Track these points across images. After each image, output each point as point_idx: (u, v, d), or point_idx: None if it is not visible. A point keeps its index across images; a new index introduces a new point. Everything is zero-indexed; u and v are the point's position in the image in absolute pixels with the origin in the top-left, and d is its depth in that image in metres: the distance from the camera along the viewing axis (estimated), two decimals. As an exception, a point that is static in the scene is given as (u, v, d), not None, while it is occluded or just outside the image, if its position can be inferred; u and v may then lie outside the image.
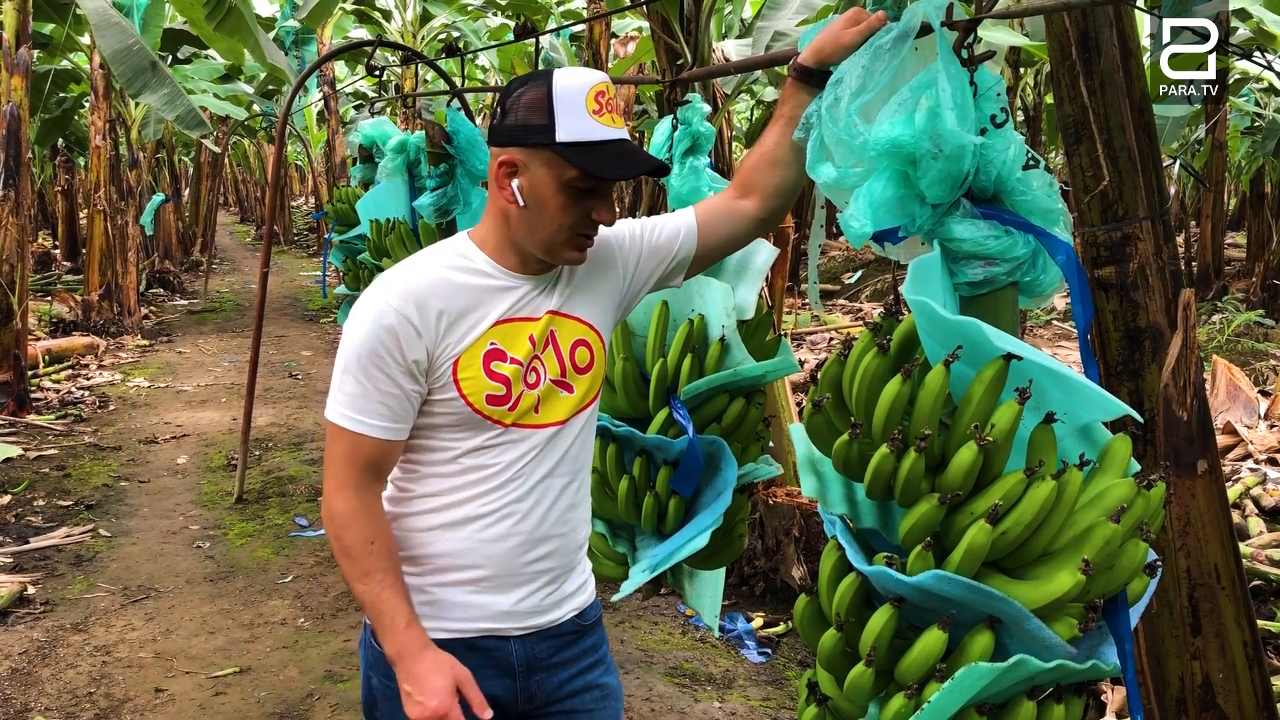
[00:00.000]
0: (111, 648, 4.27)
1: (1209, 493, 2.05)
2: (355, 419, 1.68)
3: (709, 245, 1.96)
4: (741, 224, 1.95)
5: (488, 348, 1.72)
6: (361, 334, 1.67)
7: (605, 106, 1.67)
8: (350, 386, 1.68)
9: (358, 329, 1.68)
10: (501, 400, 1.73)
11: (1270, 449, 5.87)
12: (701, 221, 1.94)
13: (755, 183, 1.91)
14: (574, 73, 1.68)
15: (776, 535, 4.70)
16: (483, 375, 1.71)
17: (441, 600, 1.77)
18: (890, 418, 1.44)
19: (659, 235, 1.93)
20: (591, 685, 1.91)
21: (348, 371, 1.68)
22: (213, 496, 6.32)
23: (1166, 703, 2.06)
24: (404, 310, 1.67)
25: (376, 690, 1.82)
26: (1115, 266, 2.04)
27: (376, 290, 1.71)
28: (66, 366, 9.78)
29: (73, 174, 17.03)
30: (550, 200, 1.68)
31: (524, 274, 1.76)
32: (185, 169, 25.40)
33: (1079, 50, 2.01)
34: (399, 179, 5.27)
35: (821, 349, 9.60)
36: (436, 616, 1.77)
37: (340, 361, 1.70)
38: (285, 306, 14.30)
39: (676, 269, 1.96)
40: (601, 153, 1.65)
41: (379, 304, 1.67)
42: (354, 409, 1.68)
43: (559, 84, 1.65)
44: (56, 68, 12.47)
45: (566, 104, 1.64)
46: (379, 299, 1.68)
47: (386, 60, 13.55)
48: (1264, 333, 10.09)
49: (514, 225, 1.72)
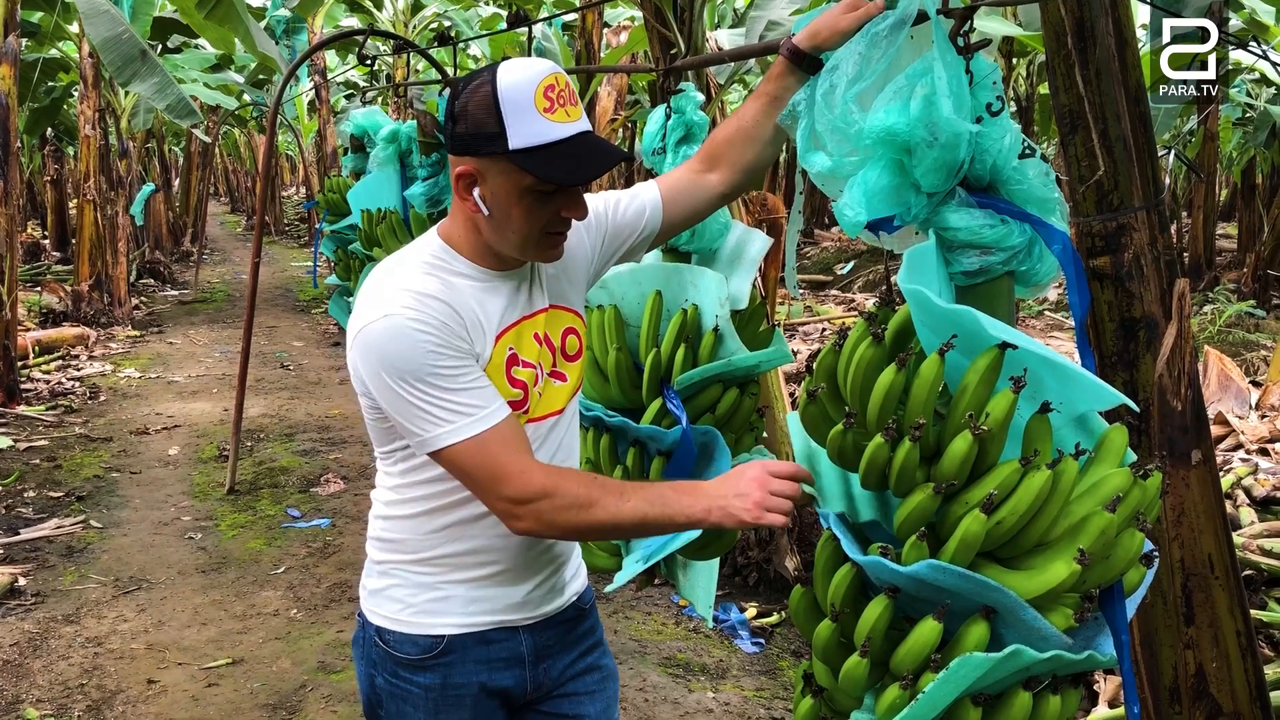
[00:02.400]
0: (103, 639, 4.25)
1: (1203, 483, 2.05)
2: (477, 419, 1.57)
3: (672, 220, 1.95)
4: (704, 198, 1.94)
5: (507, 354, 1.69)
6: (407, 348, 1.55)
7: (556, 101, 1.57)
8: (443, 398, 1.56)
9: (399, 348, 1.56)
10: (519, 405, 1.71)
11: (1261, 439, 5.89)
12: (666, 197, 1.93)
13: (726, 156, 1.89)
14: (518, 67, 1.57)
15: (770, 526, 4.70)
16: (505, 383, 1.68)
17: (454, 596, 1.76)
18: (885, 407, 1.44)
19: (623, 213, 1.91)
20: (592, 667, 1.92)
21: (423, 390, 1.56)
22: (204, 488, 6.30)
23: (1160, 693, 2.06)
24: (431, 309, 1.58)
25: (382, 689, 1.80)
26: (1110, 256, 2.02)
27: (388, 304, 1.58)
28: (56, 357, 9.74)
29: (62, 163, 16.94)
30: (513, 208, 1.61)
31: (504, 270, 1.73)
32: (175, 159, 25.27)
33: (1074, 39, 1.99)
34: (390, 169, 5.25)
35: (814, 339, 9.60)
36: (448, 612, 1.76)
37: (404, 393, 1.57)
38: (276, 297, 14.25)
39: (640, 244, 1.96)
40: (558, 154, 1.57)
41: (402, 315, 1.56)
42: (458, 412, 1.57)
43: (503, 83, 1.55)
44: (45, 56, 12.39)
45: (514, 106, 1.55)
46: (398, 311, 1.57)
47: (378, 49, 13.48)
48: (1255, 323, 10.11)
49: (484, 232, 1.67)
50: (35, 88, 12.63)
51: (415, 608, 1.77)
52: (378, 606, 1.81)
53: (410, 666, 1.77)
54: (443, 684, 1.76)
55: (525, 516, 1.58)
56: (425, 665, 1.76)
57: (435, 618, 1.75)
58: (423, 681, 1.76)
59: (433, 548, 1.75)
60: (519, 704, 1.86)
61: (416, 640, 1.76)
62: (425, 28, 14.27)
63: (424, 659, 1.76)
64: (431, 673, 1.76)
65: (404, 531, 1.76)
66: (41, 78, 12.64)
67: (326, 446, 7.13)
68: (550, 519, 1.58)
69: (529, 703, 1.87)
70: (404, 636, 1.77)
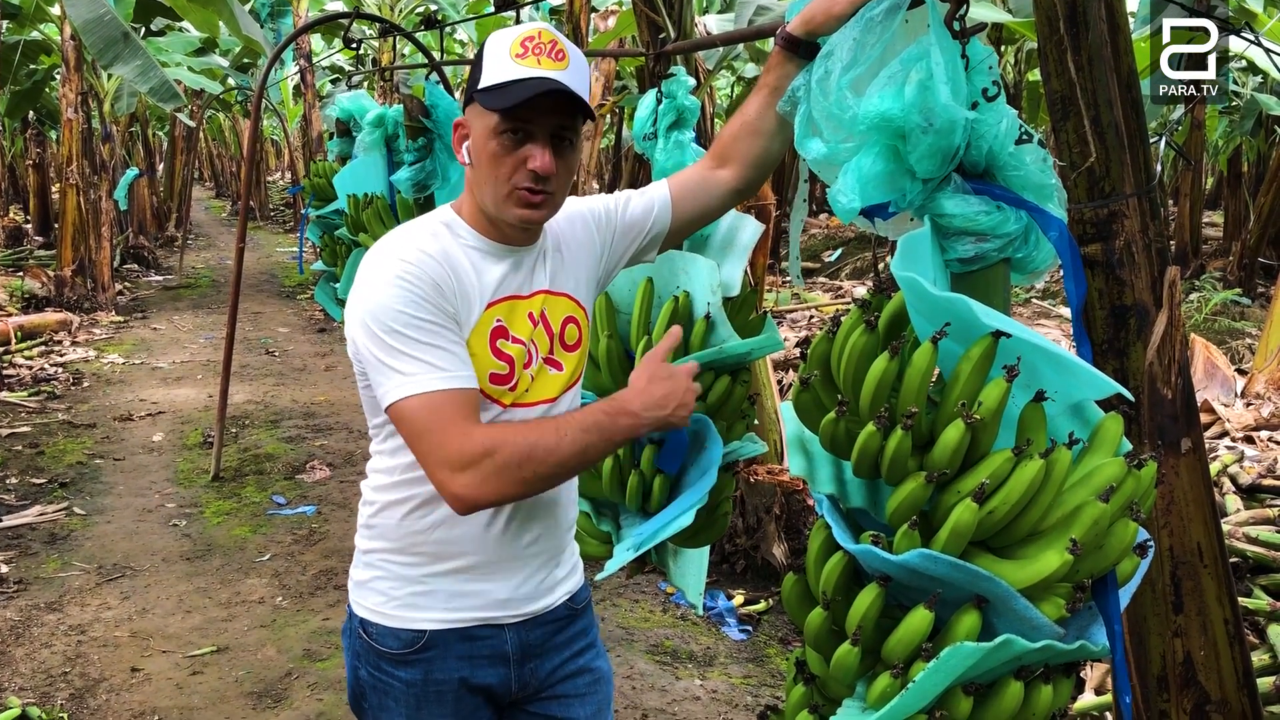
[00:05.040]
0: (86, 627, 4.23)
1: (1192, 471, 2.05)
2: (429, 378, 1.55)
3: (683, 219, 1.93)
4: (717, 195, 1.92)
5: (494, 325, 1.68)
6: (390, 296, 1.57)
7: (532, 50, 1.61)
8: (409, 350, 1.56)
9: (382, 295, 1.57)
10: (504, 380, 1.69)
11: (1247, 427, 5.92)
12: (675, 195, 1.92)
13: (734, 152, 1.88)
14: (515, 28, 1.66)
15: (758, 513, 4.70)
16: (488, 353, 1.67)
17: (437, 591, 1.74)
18: (877, 395, 1.42)
19: (632, 211, 1.90)
20: (583, 669, 1.89)
21: (394, 340, 1.56)
22: (189, 474, 6.26)
23: (1148, 681, 2.07)
24: (424, 265, 1.60)
25: (365, 681, 1.79)
26: (1101, 244, 2.02)
27: (384, 256, 1.61)
28: (39, 343, 9.66)
29: (44, 147, 16.78)
30: (483, 151, 1.65)
31: (503, 244, 1.72)
32: (159, 143, 25.08)
33: (1067, 25, 1.98)
34: (377, 153, 5.22)
35: (802, 327, 9.59)
36: (431, 607, 1.74)
37: (378, 340, 1.57)
38: (262, 283, 14.18)
39: (651, 244, 1.94)
40: (509, 89, 1.59)
41: (395, 265, 1.59)
42: (421, 370, 1.55)
43: (493, 38, 1.65)
44: (26, 38, 12.23)
45: (493, 54, 1.63)
46: (392, 261, 1.60)
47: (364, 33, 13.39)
48: (1240, 311, 10.16)
49: (473, 190, 1.70)
50: (16, 70, 12.48)
51: (398, 601, 1.74)
52: (362, 598, 1.79)
53: (392, 660, 1.75)
54: (424, 679, 1.74)
55: (467, 482, 1.52)
56: (407, 660, 1.74)
57: (418, 612, 1.73)
58: (404, 676, 1.74)
59: (414, 536, 1.73)
60: (505, 703, 1.84)
61: (398, 634, 1.74)
62: (411, 11, 14.17)
63: (405, 653, 1.74)
64: (413, 667, 1.74)
65: (389, 519, 1.74)
66: (23, 60, 12.50)
67: (312, 433, 7.10)
68: (492, 475, 1.52)
69: (516, 702, 1.85)
70: (386, 630, 1.75)
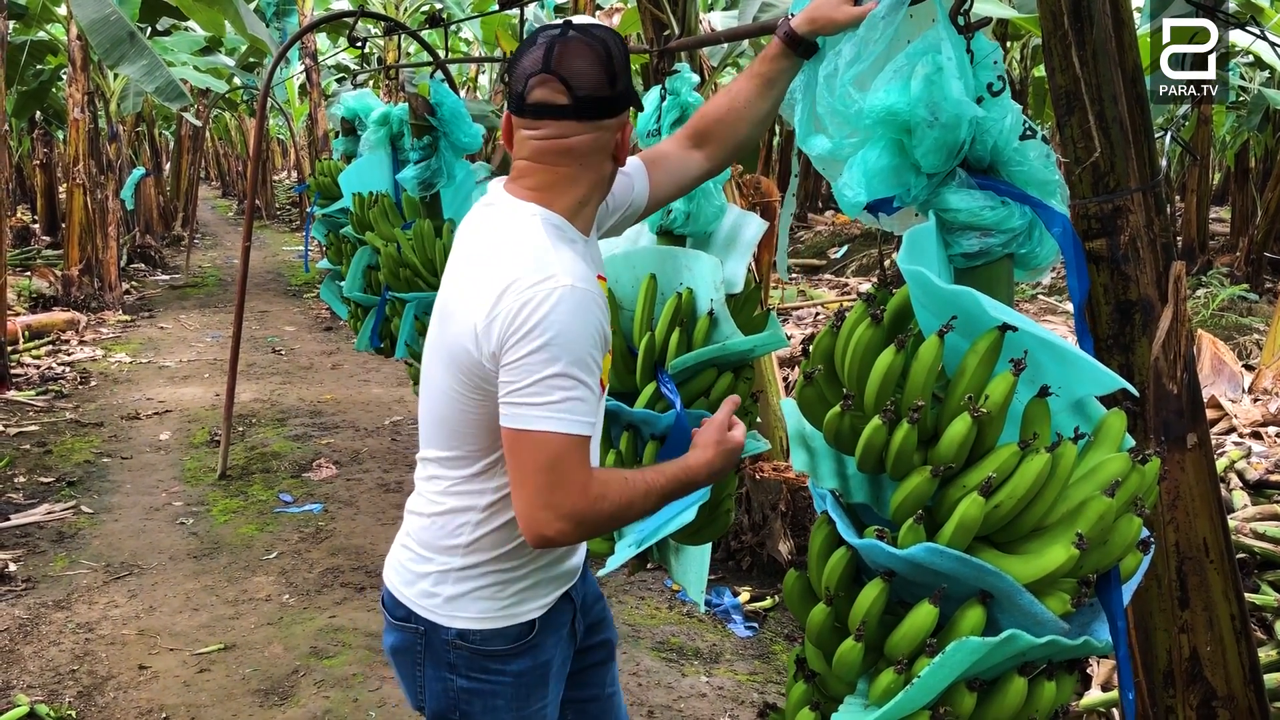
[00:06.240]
0: (94, 625, 4.24)
1: (1198, 466, 2.04)
2: (578, 420, 1.55)
3: (657, 194, 1.96)
4: (690, 175, 1.96)
5: None
6: (582, 325, 1.54)
7: None
8: (569, 387, 1.54)
9: (575, 320, 1.54)
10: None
11: (1254, 423, 5.89)
12: (652, 171, 1.94)
13: (715, 134, 1.90)
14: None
15: (763, 510, 4.70)
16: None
17: (539, 583, 1.80)
18: (883, 389, 1.42)
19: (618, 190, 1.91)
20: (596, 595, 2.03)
21: (568, 369, 1.54)
22: (196, 473, 6.27)
23: (1154, 676, 2.06)
24: (597, 290, 1.60)
25: (465, 690, 1.79)
26: (1106, 239, 2.01)
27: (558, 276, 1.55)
28: (47, 342, 9.68)
29: (51, 147, 16.80)
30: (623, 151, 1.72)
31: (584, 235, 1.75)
32: (166, 143, 25.10)
33: (1071, 20, 1.97)
34: (382, 152, 5.21)
35: (808, 324, 9.58)
36: (535, 598, 1.79)
37: (555, 360, 1.53)
38: (268, 281, 14.19)
39: (626, 220, 1.97)
40: None
41: (577, 292, 1.55)
42: (574, 410, 1.54)
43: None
44: (33, 38, 12.27)
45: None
46: (570, 285, 1.55)
47: (369, 32, 13.40)
48: (1248, 307, 10.12)
49: (596, 193, 1.72)
50: (23, 70, 12.50)
51: (505, 602, 1.77)
52: (460, 610, 1.77)
53: (501, 658, 1.78)
54: (533, 665, 1.80)
55: (561, 529, 1.55)
56: (517, 653, 1.78)
57: (524, 606, 1.78)
58: (514, 669, 1.78)
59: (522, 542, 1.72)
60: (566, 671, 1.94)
61: (506, 633, 1.77)
62: (417, 9, 14.19)
63: (515, 647, 1.78)
64: (522, 658, 1.79)
65: (496, 530, 1.74)
66: (29, 60, 12.51)
67: (318, 431, 7.10)
68: (586, 528, 1.58)
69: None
70: (493, 632, 1.77)
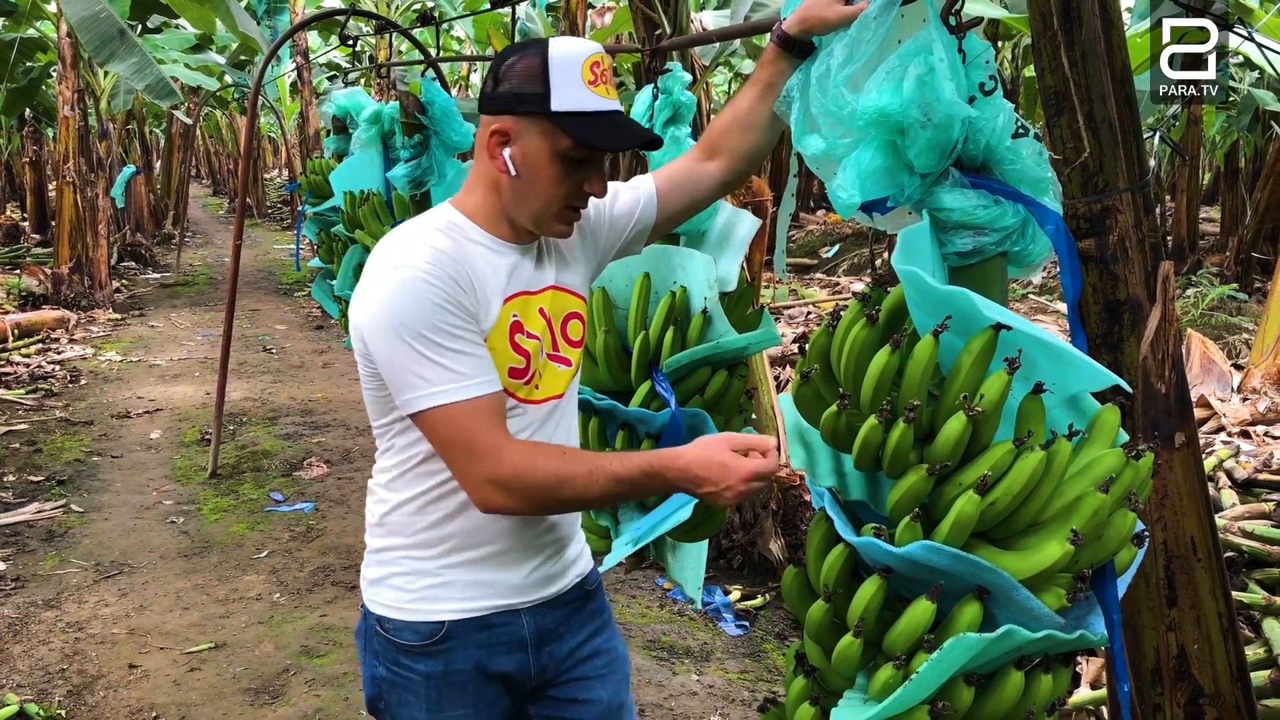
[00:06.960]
0: (84, 624, 4.23)
1: (1186, 465, 2.05)
2: (463, 385, 1.57)
3: (669, 212, 1.95)
4: (705, 187, 1.94)
5: (511, 320, 1.69)
6: (412, 301, 1.56)
7: (600, 78, 1.64)
8: (435, 357, 1.56)
9: (403, 300, 1.56)
10: (522, 374, 1.71)
11: (1243, 422, 5.93)
12: (662, 188, 1.93)
13: (724, 145, 1.90)
14: (570, 42, 1.64)
15: (754, 508, 4.71)
16: (508, 348, 1.68)
17: (453, 582, 1.75)
18: (879, 388, 1.43)
19: (619, 206, 1.92)
20: (600, 650, 1.91)
21: (420, 346, 1.56)
22: (186, 471, 6.26)
23: (1142, 674, 2.07)
24: (443, 264, 1.59)
25: (383, 679, 1.79)
26: (1095, 239, 2.02)
27: (398, 259, 1.60)
28: (36, 341, 9.64)
29: (41, 145, 16.72)
30: (543, 170, 1.64)
31: (514, 242, 1.74)
32: (156, 141, 25.04)
33: (1060, 20, 1.98)
34: (373, 150, 5.20)
35: (799, 323, 9.60)
36: (448, 598, 1.74)
37: (403, 347, 1.56)
38: (259, 280, 14.16)
39: (637, 237, 1.96)
40: (596, 123, 1.62)
41: (412, 269, 1.57)
42: (453, 379, 1.57)
43: (555, 52, 1.62)
44: (22, 35, 12.22)
45: (562, 73, 1.61)
46: (409, 264, 1.58)
47: (360, 30, 13.38)
48: (1237, 307, 10.17)
49: (505, 195, 1.68)
50: (13, 68, 12.45)
51: (414, 594, 1.75)
52: (377, 595, 1.79)
53: (411, 653, 1.75)
54: (444, 670, 1.75)
55: (494, 494, 1.58)
56: (426, 652, 1.74)
57: (435, 604, 1.74)
58: (423, 669, 1.75)
59: (429, 530, 1.73)
60: (526, 690, 1.85)
61: (416, 627, 1.75)
62: (408, 8, 14.16)
63: (424, 646, 1.74)
64: (432, 659, 1.75)
65: (402, 515, 1.75)
66: (19, 58, 12.47)
67: (309, 430, 7.10)
68: (519, 498, 1.59)
69: (537, 689, 1.86)
70: (404, 624, 1.75)
